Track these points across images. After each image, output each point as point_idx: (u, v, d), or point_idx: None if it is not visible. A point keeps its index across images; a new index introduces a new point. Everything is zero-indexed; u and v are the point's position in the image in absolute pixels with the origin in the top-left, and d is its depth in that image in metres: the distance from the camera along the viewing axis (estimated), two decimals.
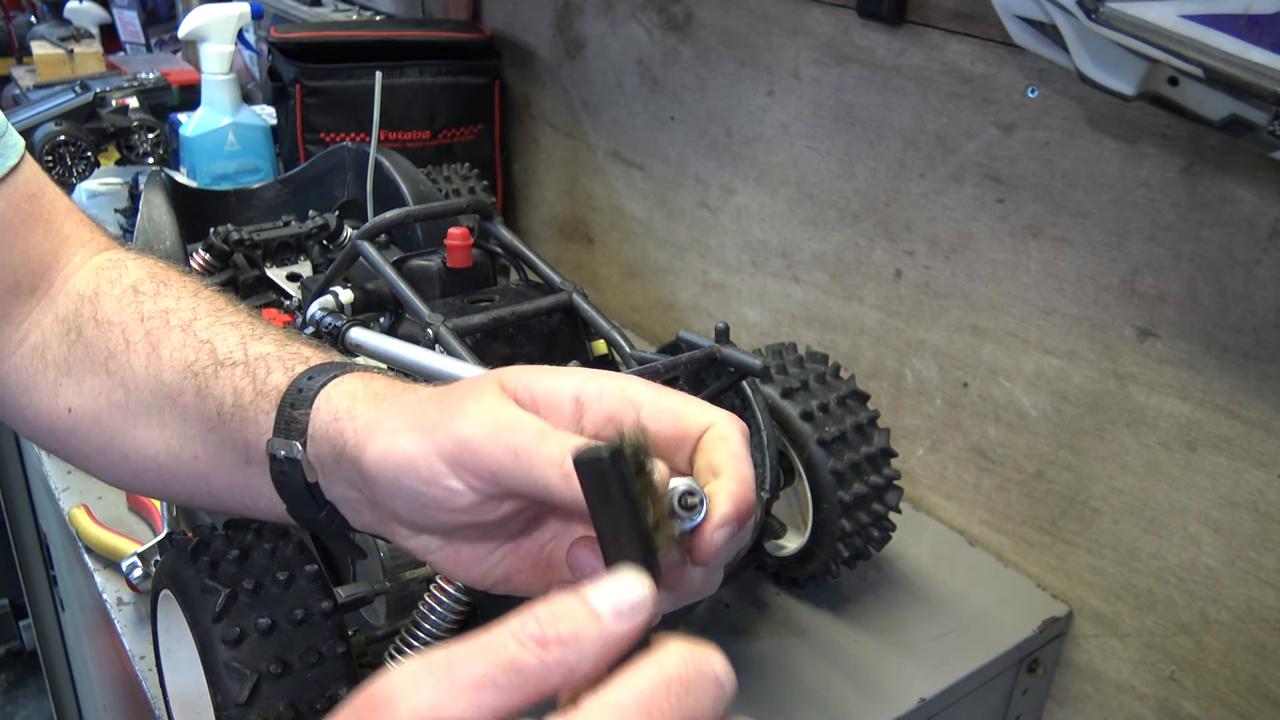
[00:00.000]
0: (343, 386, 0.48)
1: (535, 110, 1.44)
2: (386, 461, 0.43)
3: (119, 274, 0.60)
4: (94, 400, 0.57)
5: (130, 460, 0.57)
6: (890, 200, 0.96)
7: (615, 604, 0.30)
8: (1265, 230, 0.71)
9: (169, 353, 0.55)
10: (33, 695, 2.32)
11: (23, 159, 0.60)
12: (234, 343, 0.54)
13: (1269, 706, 0.77)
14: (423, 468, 0.41)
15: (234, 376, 0.52)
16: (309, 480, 0.48)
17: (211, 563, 0.57)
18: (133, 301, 0.58)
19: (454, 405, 0.42)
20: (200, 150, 1.36)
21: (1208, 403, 0.76)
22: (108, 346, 0.57)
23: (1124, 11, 0.63)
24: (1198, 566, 0.79)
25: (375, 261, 0.76)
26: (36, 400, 0.59)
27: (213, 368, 0.53)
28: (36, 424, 0.60)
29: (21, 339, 0.60)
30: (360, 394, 0.47)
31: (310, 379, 0.49)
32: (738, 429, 0.41)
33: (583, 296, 0.77)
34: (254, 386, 0.51)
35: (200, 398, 0.53)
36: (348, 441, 0.45)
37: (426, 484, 0.42)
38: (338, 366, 0.51)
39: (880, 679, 0.79)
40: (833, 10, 0.96)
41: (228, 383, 0.52)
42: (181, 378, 0.54)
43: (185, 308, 0.57)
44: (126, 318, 0.57)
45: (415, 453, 0.42)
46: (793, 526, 0.82)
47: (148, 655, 0.72)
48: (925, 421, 0.98)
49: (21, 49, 2.18)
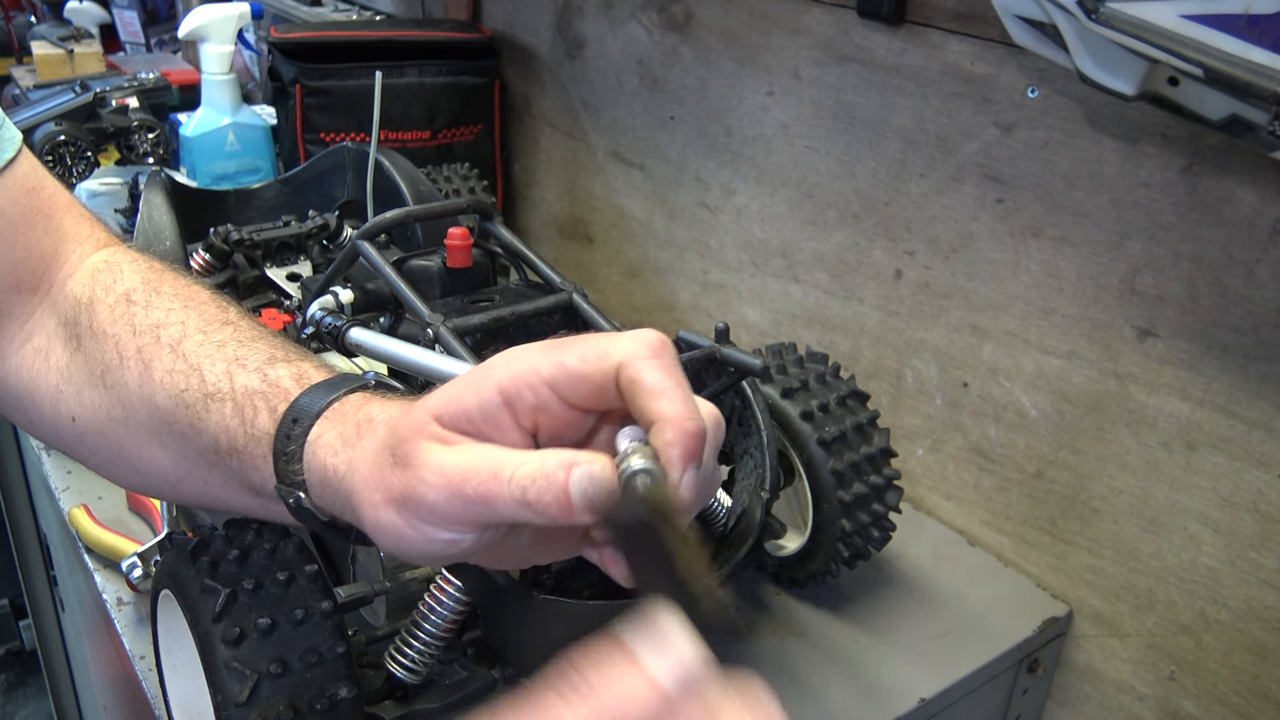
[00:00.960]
0: (323, 441, 0.49)
1: (535, 110, 1.44)
2: (382, 533, 0.44)
3: (113, 279, 0.60)
4: (95, 413, 0.58)
5: (142, 474, 0.58)
6: (890, 200, 0.96)
7: (674, 673, 0.30)
8: (1265, 230, 0.71)
9: (160, 374, 0.55)
10: (33, 695, 2.32)
11: (20, 152, 0.60)
12: (221, 371, 0.54)
13: (1269, 706, 0.77)
14: (412, 534, 0.43)
15: (224, 414, 0.53)
16: (324, 520, 0.50)
17: (211, 563, 0.57)
18: (126, 312, 0.58)
19: (405, 463, 0.43)
20: (200, 150, 1.36)
21: (1208, 403, 0.76)
22: (103, 360, 0.57)
23: (1124, 11, 0.63)
24: (1198, 566, 0.79)
25: (375, 261, 0.76)
26: (40, 403, 0.59)
27: (203, 401, 0.53)
28: (42, 426, 0.60)
29: (25, 338, 0.60)
30: (337, 445, 0.48)
31: (294, 422, 0.50)
32: (645, 353, 0.41)
33: (583, 296, 0.77)
34: (244, 430, 0.52)
35: (195, 431, 0.54)
36: (343, 505, 0.47)
37: (424, 543, 0.43)
38: (315, 397, 0.51)
39: (880, 679, 0.79)
40: (833, 10, 0.96)
41: (219, 420, 0.53)
42: (174, 405, 0.54)
43: (175, 322, 0.57)
44: (120, 330, 0.57)
45: (400, 523, 0.43)
46: (793, 526, 0.82)
47: (148, 655, 0.72)
48: (925, 421, 0.98)
49: (21, 49, 2.18)
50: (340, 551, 0.74)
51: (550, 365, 0.42)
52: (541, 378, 0.42)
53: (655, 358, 0.41)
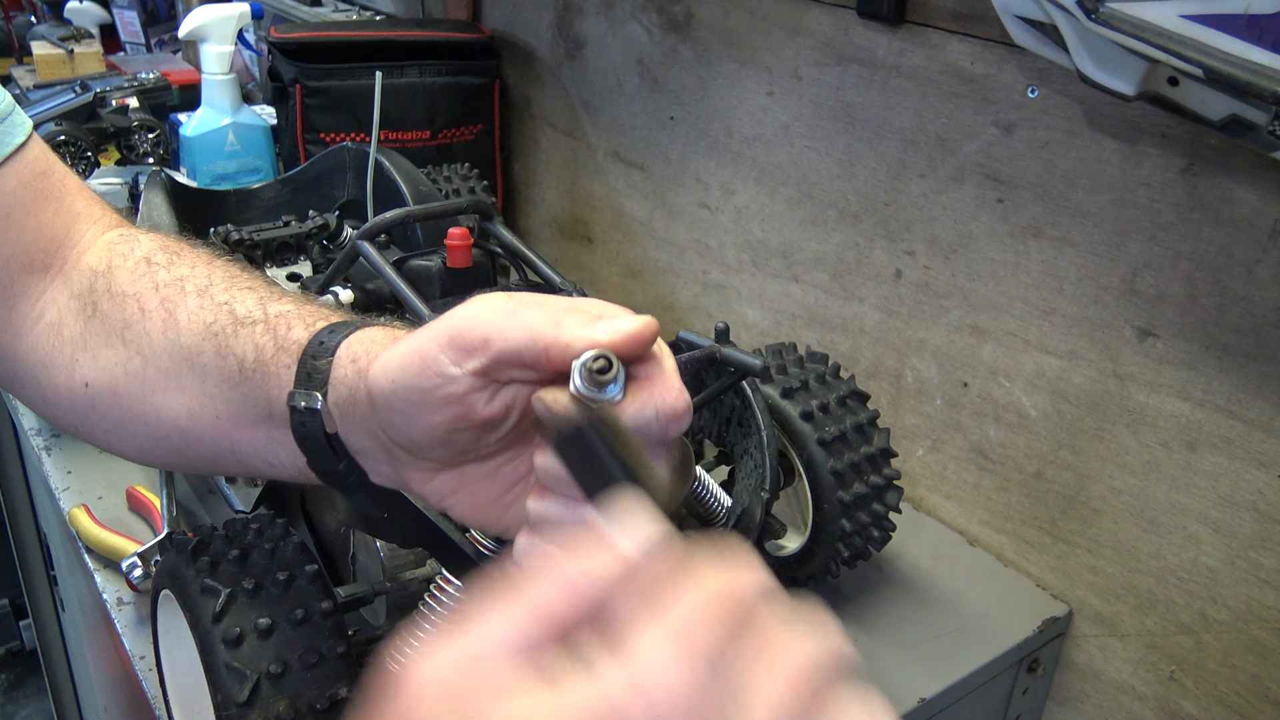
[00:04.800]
0: (364, 334, 0.49)
1: (535, 110, 1.44)
2: (387, 368, 0.44)
3: (131, 247, 0.60)
4: (110, 371, 0.57)
5: (151, 428, 0.57)
6: (890, 200, 0.96)
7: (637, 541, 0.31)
8: (1265, 230, 0.71)
9: (186, 317, 0.55)
10: (33, 695, 2.32)
11: (30, 137, 0.60)
12: (252, 303, 0.54)
13: (1269, 706, 0.77)
14: (417, 358, 0.43)
15: (254, 334, 0.52)
16: (328, 431, 0.49)
17: (211, 563, 0.57)
18: (147, 272, 0.58)
19: (452, 313, 0.43)
20: (200, 150, 1.36)
21: (1208, 403, 0.76)
22: (123, 317, 0.57)
23: (1124, 11, 0.63)
24: (1198, 566, 0.79)
25: (375, 261, 0.76)
26: (54, 377, 0.59)
27: (232, 327, 0.53)
28: (55, 402, 0.60)
29: (38, 316, 0.60)
30: (380, 338, 0.48)
31: (332, 332, 0.50)
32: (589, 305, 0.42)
33: (583, 296, 0.77)
34: (275, 342, 0.51)
35: (220, 356, 0.53)
36: (362, 376, 0.46)
37: (420, 375, 0.43)
38: (360, 322, 0.51)
39: (880, 679, 0.79)
40: (833, 10, 0.96)
41: (248, 340, 0.52)
42: (200, 339, 0.54)
43: (200, 275, 0.57)
44: (141, 288, 0.57)
45: (411, 348, 0.43)
46: (793, 526, 0.82)
47: (148, 655, 0.72)
48: (925, 421, 0.98)
49: (21, 49, 2.17)
50: (340, 552, 0.74)
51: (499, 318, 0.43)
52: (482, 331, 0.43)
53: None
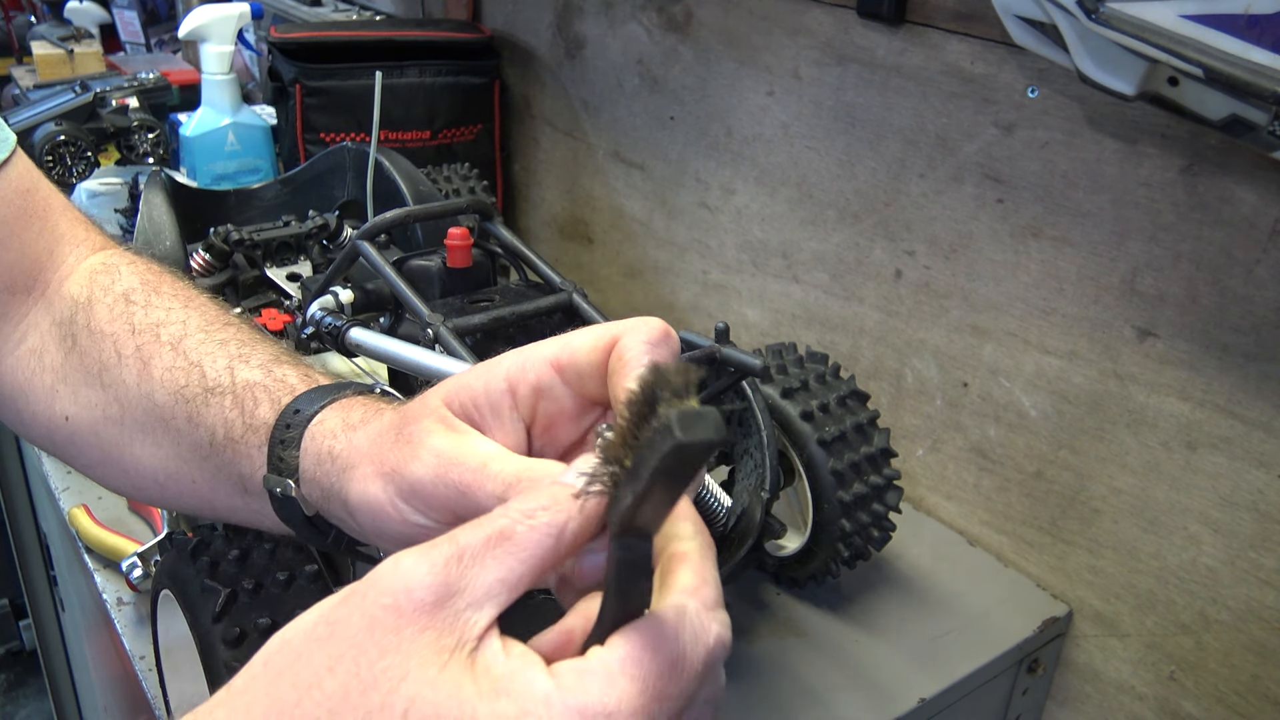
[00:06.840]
0: (324, 426, 0.49)
1: (535, 110, 1.44)
2: (363, 507, 0.45)
3: (112, 280, 0.60)
4: (89, 412, 0.57)
5: (130, 475, 0.58)
6: (890, 200, 0.96)
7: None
8: (1265, 230, 0.71)
9: (160, 372, 0.55)
10: (33, 695, 2.32)
11: (14, 154, 0.59)
12: (222, 366, 0.54)
13: (1269, 706, 0.77)
14: (391, 511, 0.43)
15: (223, 407, 0.53)
16: (308, 514, 0.50)
17: (211, 563, 0.57)
18: (124, 311, 0.58)
19: (407, 440, 0.43)
20: (200, 150, 1.36)
21: (1208, 403, 0.76)
22: (100, 358, 0.57)
23: (1124, 11, 0.63)
24: (1198, 566, 0.79)
25: (375, 261, 0.76)
26: (33, 404, 0.59)
27: (202, 395, 0.53)
28: (34, 427, 0.60)
29: (19, 340, 0.60)
30: (339, 430, 0.48)
31: (296, 413, 0.50)
32: (644, 336, 0.41)
33: (583, 296, 0.77)
34: (243, 420, 0.52)
35: (192, 425, 0.53)
36: (332, 484, 0.47)
37: (399, 524, 0.43)
38: (320, 394, 0.51)
39: (880, 679, 0.79)
40: (833, 10, 0.96)
41: (218, 413, 0.53)
42: (173, 401, 0.54)
43: (176, 321, 0.57)
44: (118, 329, 0.57)
45: (383, 498, 0.43)
46: (793, 526, 0.82)
47: (148, 655, 0.72)
48: (925, 421, 0.98)
49: (21, 49, 2.18)
50: None
51: (557, 346, 0.43)
52: (546, 359, 0.43)
53: (651, 343, 0.41)
